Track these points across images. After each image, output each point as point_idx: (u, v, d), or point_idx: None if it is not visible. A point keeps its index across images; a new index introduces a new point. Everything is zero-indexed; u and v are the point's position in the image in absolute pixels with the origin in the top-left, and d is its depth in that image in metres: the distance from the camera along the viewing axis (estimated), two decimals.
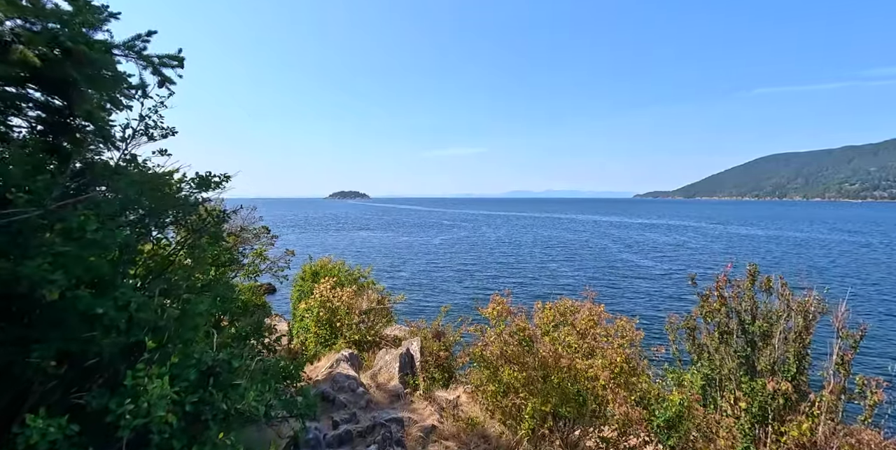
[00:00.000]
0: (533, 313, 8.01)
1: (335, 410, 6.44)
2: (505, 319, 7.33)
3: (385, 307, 14.52)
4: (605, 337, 6.66)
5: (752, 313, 6.22)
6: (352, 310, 12.80)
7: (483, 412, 7.45)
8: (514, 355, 6.63)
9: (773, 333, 6.18)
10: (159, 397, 2.15)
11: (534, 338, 7.15)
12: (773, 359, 6.02)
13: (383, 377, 8.51)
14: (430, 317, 14.56)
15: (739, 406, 5.67)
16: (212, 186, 4.56)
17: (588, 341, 6.63)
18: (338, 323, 12.25)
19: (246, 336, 4.71)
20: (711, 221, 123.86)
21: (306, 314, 13.21)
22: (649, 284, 34.83)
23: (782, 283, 6.66)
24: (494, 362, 6.87)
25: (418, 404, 7.58)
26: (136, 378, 2.29)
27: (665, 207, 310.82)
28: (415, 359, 9.16)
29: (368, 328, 12.54)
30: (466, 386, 10.21)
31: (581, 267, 43.71)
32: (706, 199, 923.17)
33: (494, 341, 7.17)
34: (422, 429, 6.17)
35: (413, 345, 9.29)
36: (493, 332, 7.36)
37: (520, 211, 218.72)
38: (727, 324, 6.31)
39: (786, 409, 5.84)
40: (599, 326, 6.89)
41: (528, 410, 5.99)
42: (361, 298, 14.52)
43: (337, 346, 11.79)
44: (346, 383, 7.21)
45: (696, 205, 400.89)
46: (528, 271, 41.33)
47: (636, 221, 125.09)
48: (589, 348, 6.55)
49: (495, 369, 6.93)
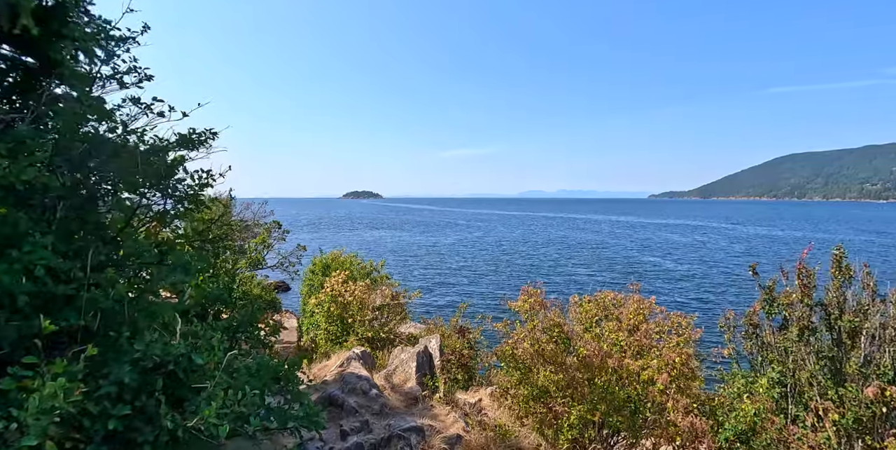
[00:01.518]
0: (568, 308, 7.09)
1: (345, 416, 5.57)
2: (537, 314, 6.43)
3: (400, 304, 13.68)
4: (658, 334, 5.72)
5: (839, 307, 5.23)
6: (364, 305, 11.98)
7: (512, 418, 6.56)
8: (551, 355, 5.72)
9: (863, 329, 5.19)
10: (39, 411, 1.29)
11: (571, 335, 6.24)
12: (867, 360, 5.03)
13: (399, 378, 7.65)
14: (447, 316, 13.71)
15: (830, 417, 4.69)
16: (196, 144, 3.75)
17: (638, 339, 5.69)
18: (349, 319, 11.42)
19: (235, 328, 3.87)
20: (730, 221, 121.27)
21: (317, 309, 12.41)
22: (671, 285, 33.59)
23: (866, 271, 5.67)
24: (527, 362, 5.96)
25: (439, 408, 6.70)
26: (24, 381, 1.44)
27: (682, 207, 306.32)
28: (433, 358, 8.29)
29: (382, 325, 11.70)
30: (489, 388, 9.32)
31: (599, 268, 42.49)
32: (723, 199, 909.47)
33: (526, 338, 6.27)
34: (446, 440, 5.28)
35: (432, 342, 8.42)
36: (523, 328, 6.46)
37: (534, 211, 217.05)
38: (809, 319, 5.32)
39: (882, 422, 4.86)
40: (651, 321, 5.96)
41: (573, 418, 5.07)
42: (375, 293, 13.70)
43: (348, 343, 10.96)
44: (358, 384, 6.34)
45: (714, 205, 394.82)
46: (544, 272, 40.23)
47: (653, 221, 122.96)
48: (639, 346, 5.62)
49: (527, 371, 6.03)
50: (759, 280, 6.27)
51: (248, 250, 12.38)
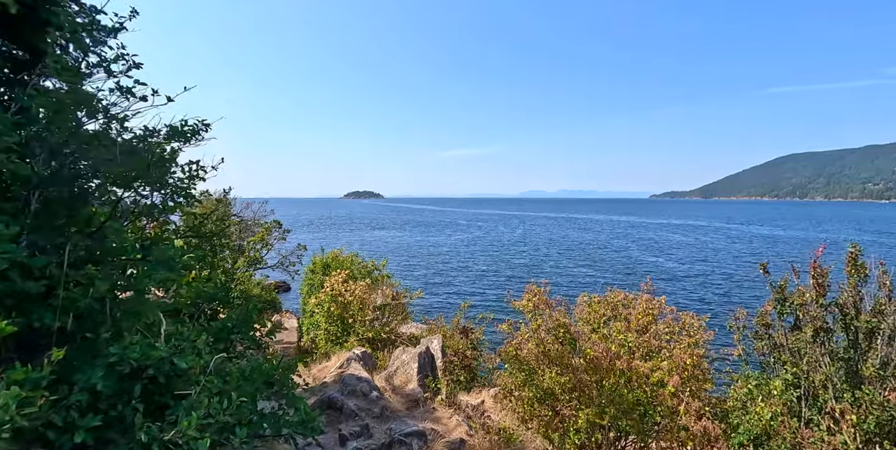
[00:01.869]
0: (574, 307, 6.92)
1: (344, 420, 5.40)
2: (542, 313, 6.25)
3: (401, 303, 13.51)
4: (669, 335, 5.54)
5: (855, 307, 5.05)
6: (365, 305, 11.81)
7: (516, 422, 6.39)
8: (557, 356, 5.55)
9: (880, 330, 5.01)
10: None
11: (577, 335, 6.07)
12: (884, 362, 4.86)
13: (400, 379, 7.48)
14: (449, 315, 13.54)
15: (849, 420, 4.51)
16: (188, 137, 3.58)
17: (647, 340, 5.52)
18: (350, 319, 11.25)
19: (230, 329, 3.71)
20: (732, 221, 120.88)
21: (316, 309, 12.25)
22: (673, 285, 33.38)
23: (882, 270, 5.48)
24: (532, 364, 5.79)
25: (441, 411, 6.53)
26: None
27: (683, 207, 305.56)
28: (435, 359, 8.13)
29: (383, 325, 11.52)
30: (492, 389, 9.15)
31: (601, 268, 42.28)
32: (724, 199, 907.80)
33: (531, 339, 6.10)
34: (448, 445, 5.11)
35: (434, 343, 8.25)
36: (527, 328, 6.29)
37: (535, 211, 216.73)
38: (823, 319, 5.14)
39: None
40: (660, 321, 5.78)
41: (581, 422, 4.90)
42: (376, 292, 13.53)
43: (349, 344, 10.80)
44: (358, 386, 6.18)
45: (715, 205, 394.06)
46: (546, 272, 40.04)
47: (655, 221, 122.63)
48: (648, 347, 5.45)
49: (532, 372, 5.86)
50: (769, 279, 6.09)
51: (246, 249, 12.20)
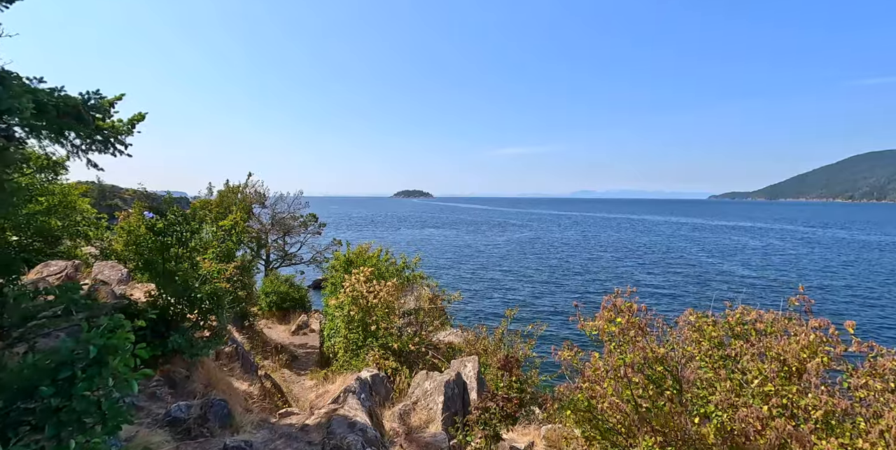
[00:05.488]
0: (672, 330, 4.62)
1: None
2: (630, 339, 4.03)
3: (438, 308, 11.51)
4: (865, 391, 3.17)
5: None
6: (392, 309, 9.90)
7: None
8: (662, 418, 3.32)
9: None
10: None
11: (682, 376, 3.80)
12: None
13: (418, 418, 5.45)
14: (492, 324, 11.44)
15: None
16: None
17: (822, 397, 3.19)
18: (373, 326, 9.36)
19: None
20: (808, 224, 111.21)
21: (336, 312, 10.47)
22: (753, 295, 29.61)
23: None
24: (615, 424, 3.60)
25: None
26: None
27: (748, 208, 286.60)
28: (468, 389, 6.05)
29: (412, 336, 9.54)
30: (544, 426, 6.96)
31: (664, 272, 38.67)
32: (792, 200, 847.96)
33: (607, 378, 3.90)
34: None
35: (467, 367, 6.17)
36: (602, 363, 4.09)
37: (588, 211, 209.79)
38: None
39: None
40: (837, 362, 3.43)
41: None
42: (407, 295, 11.61)
43: (369, 357, 8.90)
44: (348, 438, 4.16)
45: (783, 207, 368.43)
46: (602, 276, 36.98)
47: (717, 223, 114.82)
48: (830, 409, 3.12)
49: (614, 435, 3.67)
50: None
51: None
